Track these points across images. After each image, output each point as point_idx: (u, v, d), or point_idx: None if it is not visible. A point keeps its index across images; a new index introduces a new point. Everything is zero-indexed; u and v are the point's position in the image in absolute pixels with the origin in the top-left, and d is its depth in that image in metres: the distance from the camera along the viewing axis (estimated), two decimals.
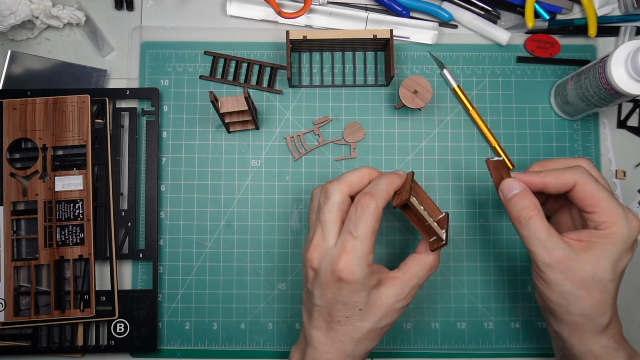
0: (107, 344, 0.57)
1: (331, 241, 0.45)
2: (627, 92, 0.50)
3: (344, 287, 0.44)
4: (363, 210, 0.44)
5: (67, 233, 0.57)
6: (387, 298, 0.46)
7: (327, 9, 0.62)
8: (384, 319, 0.46)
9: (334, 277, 0.44)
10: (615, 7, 0.63)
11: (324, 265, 0.45)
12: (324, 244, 0.45)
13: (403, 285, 0.46)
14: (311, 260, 0.45)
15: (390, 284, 0.46)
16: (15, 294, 0.57)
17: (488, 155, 0.61)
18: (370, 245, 0.44)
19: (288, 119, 0.61)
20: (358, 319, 0.45)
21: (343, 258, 0.43)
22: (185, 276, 0.59)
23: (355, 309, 0.45)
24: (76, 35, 0.63)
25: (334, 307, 0.45)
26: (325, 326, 0.47)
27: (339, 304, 0.45)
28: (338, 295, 0.45)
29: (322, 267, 0.45)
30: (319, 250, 0.45)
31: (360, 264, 0.43)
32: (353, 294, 0.44)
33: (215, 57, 0.61)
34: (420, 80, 0.56)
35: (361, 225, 0.43)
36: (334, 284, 0.44)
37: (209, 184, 0.60)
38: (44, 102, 0.58)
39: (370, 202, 0.44)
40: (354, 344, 0.46)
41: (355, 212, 0.44)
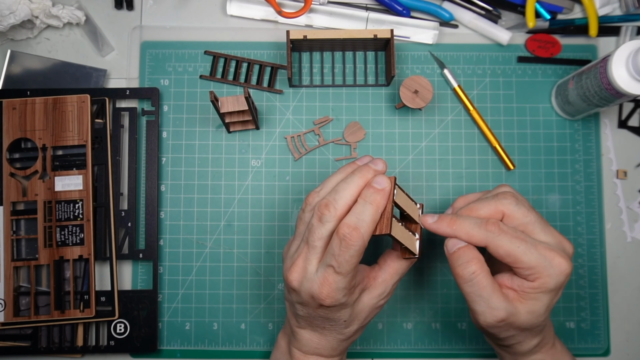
0: (107, 345, 0.57)
1: (313, 267, 0.43)
2: (628, 92, 0.50)
3: (327, 309, 0.44)
4: (348, 247, 0.41)
5: (67, 233, 0.57)
6: (370, 301, 0.47)
7: (327, 8, 0.62)
8: (367, 318, 0.48)
9: (315, 302, 0.44)
10: (616, 7, 0.63)
11: (304, 288, 0.44)
12: (307, 267, 0.44)
13: (385, 286, 0.47)
14: (291, 281, 0.44)
15: (372, 287, 0.47)
16: (15, 294, 0.57)
17: (489, 156, 0.61)
18: (352, 277, 0.43)
19: (288, 119, 0.61)
20: (343, 327, 0.47)
21: (325, 290, 0.43)
22: (186, 276, 0.59)
23: (340, 321, 0.46)
24: (76, 35, 0.62)
25: (318, 319, 0.46)
26: (310, 328, 0.48)
27: (322, 318, 0.46)
28: (322, 313, 0.45)
29: (303, 289, 0.44)
30: (300, 273, 0.44)
31: (342, 293, 0.43)
32: (337, 312, 0.45)
33: (215, 56, 0.61)
34: (421, 80, 0.56)
35: (345, 263, 0.41)
36: (317, 306, 0.44)
37: (209, 184, 0.60)
38: (43, 102, 0.58)
39: (357, 241, 0.41)
40: (340, 342, 0.48)
41: (339, 246, 0.41)
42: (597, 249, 0.60)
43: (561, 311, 0.59)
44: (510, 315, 0.43)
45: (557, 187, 0.60)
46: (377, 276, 0.47)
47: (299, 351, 0.49)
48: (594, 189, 0.60)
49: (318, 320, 0.46)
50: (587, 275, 0.60)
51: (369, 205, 0.42)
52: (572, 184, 0.61)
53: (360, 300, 0.46)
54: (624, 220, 0.61)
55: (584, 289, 0.60)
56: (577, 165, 0.61)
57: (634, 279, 0.60)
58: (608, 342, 0.59)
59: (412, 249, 0.46)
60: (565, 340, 0.59)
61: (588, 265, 0.60)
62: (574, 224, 0.60)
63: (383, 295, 0.47)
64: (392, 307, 0.59)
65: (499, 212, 0.44)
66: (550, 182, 0.60)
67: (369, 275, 0.47)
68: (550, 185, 0.60)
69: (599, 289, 0.60)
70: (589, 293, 0.59)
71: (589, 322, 0.59)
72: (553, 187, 0.60)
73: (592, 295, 0.59)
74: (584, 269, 0.60)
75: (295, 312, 0.47)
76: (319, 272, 0.43)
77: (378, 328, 0.59)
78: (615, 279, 0.60)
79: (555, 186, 0.60)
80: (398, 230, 0.45)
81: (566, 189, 0.60)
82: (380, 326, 0.59)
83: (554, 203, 0.60)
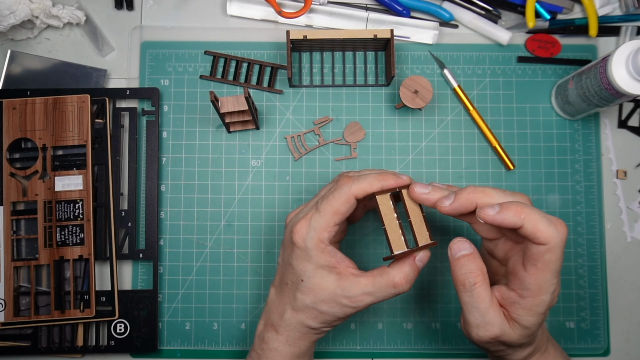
0: (107, 344, 0.57)
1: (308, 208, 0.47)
2: (628, 92, 0.50)
3: (295, 250, 0.46)
4: (336, 189, 0.45)
5: (67, 233, 0.57)
6: (333, 286, 0.45)
7: (327, 8, 0.62)
8: (324, 304, 0.46)
9: (290, 239, 0.46)
10: (616, 7, 0.63)
11: (290, 224, 0.47)
12: (303, 209, 0.48)
13: (354, 284, 0.45)
14: (287, 218, 0.49)
15: (343, 276, 0.45)
16: (15, 294, 0.57)
17: (489, 156, 0.61)
18: (327, 223, 0.44)
19: (288, 119, 0.61)
20: (300, 289, 0.46)
21: (300, 223, 0.45)
22: (186, 276, 0.59)
23: (299, 277, 0.46)
24: (76, 35, 0.62)
25: (287, 267, 0.48)
26: (277, 285, 0.49)
27: (289, 267, 0.47)
28: (289, 256, 0.47)
29: (289, 225, 0.48)
30: (296, 212, 0.49)
31: (311, 235, 0.45)
32: (300, 261, 0.46)
33: (215, 57, 0.61)
34: (421, 80, 0.56)
35: (326, 202, 0.45)
36: (289, 244, 0.47)
37: (209, 184, 0.60)
38: (43, 102, 0.58)
39: (345, 185, 0.44)
40: (291, 312, 0.47)
41: (330, 188, 0.46)
42: (597, 249, 0.60)
43: (561, 311, 0.59)
44: (502, 335, 0.42)
45: (557, 187, 0.60)
46: (354, 272, 0.46)
47: (262, 322, 0.50)
48: (594, 189, 0.60)
49: (286, 271, 0.48)
50: (587, 275, 0.60)
51: (375, 173, 0.45)
52: (572, 184, 0.61)
53: (325, 276, 0.45)
54: (624, 220, 0.61)
55: (584, 289, 0.60)
56: (577, 165, 0.61)
57: (634, 279, 0.60)
58: (608, 342, 0.59)
59: (393, 247, 0.44)
60: (565, 340, 0.59)
61: (588, 265, 0.60)
62: (574, 224, 0.60)
63: (348, 293, 0.45)
64: (392, 307, 0.59)
65: None
66: (550, 182, 0.61)
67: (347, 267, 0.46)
68: (550, 185, 0.60)
69: (599, 289, 0.60)
70: (589, 293, 0.60)
71: (589, 322, 0.59)
72: (553, 187, 0.60)
73: (592, 295, 0.59)
74: (584, 269, 0.60)
75: (278, 261, 0.50)
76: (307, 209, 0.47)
77: (378, 328, 0.59)
78: (615, 279, 0.60)
79: (555, 186, 0.61)
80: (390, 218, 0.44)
81: (566, 189, 0.61)
82: (380, 326, 0.59)
83: (554, 203, 0.60)
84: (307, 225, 0.45)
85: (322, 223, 0.44)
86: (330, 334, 0.59)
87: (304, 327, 0.48)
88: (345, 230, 0.52)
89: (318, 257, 0.45)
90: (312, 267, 0.45)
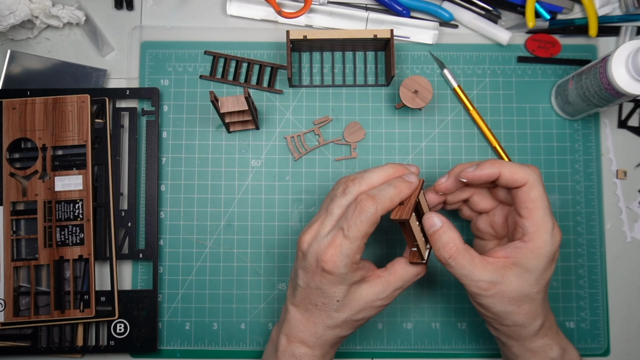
0: (107, 345, 0.57)
1: (326, 230, 0.45)
2: (628, 92, 0.50)
3: (326, 277, 0.45)
4: (361, 212, 0.44)
5: (67, 233, 0.57)
6: (367, 295, 0.47)
7: (327, 8, 0.62)
8: (360, 313, 0.47)
9: (318, 265, 0.45)
10: (616, 7, 0.63)
11: (312, 250, 0.45)
12: (320, 231, 0.46)
13: (386, 286, 0.47)
14: (302, 242, 0.46)
15: (374, 282, 0.47)
16: (15, 294, 0.57)
17: (489, 156, 0.61)
18: (358, 246, 0.44)
19: (288, 119, 0.61)
20: (334, 309, 0.46)
21: (330, 251, 0.44)
22: (186, 276, 0.59)
23: (334, 299, 0.46)
24: (76, 35, 0.62)
25: (314, 291, 0.46)
26: (303, 306, 0.48)
27: (318, 291, 0.46)
28: (319, 282, 0.46)
29: (310, 252, 0.46)
30: (312, 235, 0.46)
31: (344, 261, 0.44)
32: (333, 285, 0.45)
33: (215, 57, 0.61)
34: (421, 80, 0.56)
35: (354, 227, 0.44)
36: (317, 271, 0.45)
37: (209, 184, 0.60)
38: (43, 102, 0.58)
39: (370, 207, 0.44)
40: (326, 329, 0.48)
41: (353, 211, 0.44)
42: (597, 249, 0.60)
43: (561, 311, 0.59)
44: (496, 285, 0.44)
45: (557, 187, 0.61)
46: (381, 275, 0.48)
47: (285, 337, 0.49)
48: (594, 189, 0.61)
49: (313, 294, 0.47)
50: (587, 275, 0.60)
51: (392, 187, 0.45)
52: (572, 184, 0.61)
53: (358, 288, 0.47)
54: (623, 220, 0.61)
55: (584, 289, 0.60)
56: (577, 165, 0.61)
57: (634, 279, 0.60)
58: (608, 342, 0.59)
59: (422, 252, 0.47)
60: None
61: (588, 265, 0.60)
62: (573, 224, 0.60)
63: (381, 295, 0.47)
64: (392, 307, 0.59)
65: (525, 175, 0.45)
66: (550, 182, 0.60)
67: (374, 271, 0.48)
68: (550, 185, 0.60)
69: (599, 289, 0.60)
70: (589, 293, 0.60)
71: (589, 322, 0.59)
72: (553, 187, 0.60)
73: (592, 295, 0.59)
74: (584, 269, 0.60)
75: (296, 282, 0.48)
76: (330, 234, 0.45)
77: (378, 328, 0.59)
78: (615, 279, 0.60)
79: (555, 186, 0.61)
80: (415, 226, 0.46)
81: (566, 189, 0.61)
82: (380, 326, 0.59)
83: (554, 203, 0.60)
84: (338, 252, 0.44)
85: (354, 248, 0.44)
86: None
87: (339, 338, 0.49)
88: None
89: (352, 277, 0.45)
90: (345, 287, 0.46)
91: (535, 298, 0.46)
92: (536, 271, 0.45)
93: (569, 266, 0.60)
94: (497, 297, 0.45)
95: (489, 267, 0.45)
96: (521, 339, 0.48)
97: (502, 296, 0.45)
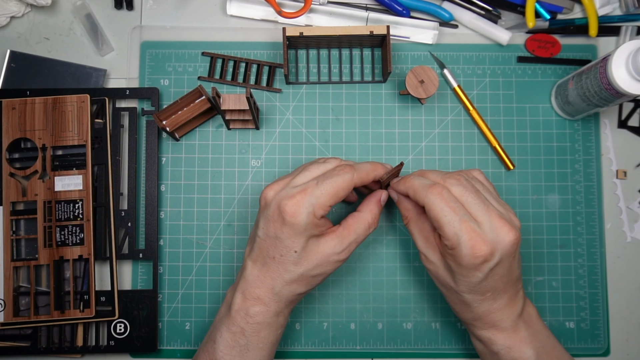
0: (107, 344, 0.57)
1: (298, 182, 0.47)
2: (628, 92, 0.50)
3: (286, 226, 0.46)
4: (339, 174, 0.47)
5: (67, 233, 0.57)
6: (324, 249, 0.48)
7: (327, 8, 0.62)
8: (317, 267, 0.48)
9: (280, 214, 0.46)
10: (616, 7, 0.63)
11: (277, 199, 0.47)
12: (290, 183, 0.48)
13: (341, 239, 0.48)
14: (267, 193, 0.48)
15: (329, 237, 0.48)
16: (15, 294, 0.57)
17: (489, 156, 0.61)
18: (325, 202, 0.46)
19: (288, 118, 0.61)
20: (292, 261, 0.47)
21: (296, 198, 0.46)
22: (186, 276, 0.59)
23: (291, 250, 0.47)
24: (76, 35, 0.62)
25: (273, 242, 0.47)
26: (261, 260, 0.49)
27: (277, 241, 0.47)
28: (279, 231, 0.47)
29: (275, 200, 0.47)
30: (279, 187, 0.48)
31: (308, 210, 0.46)
32: (292, 236, 0.46)
33: (213, 57, 0.61)
34: (430, 72, 0.56)
35: (329, 182, 0.46)
36: (279, 220, 0.46)
37: (209, 184, 0.60)
38: (43, 102, 0.58)
39: (348, 172, 0.47)
40: (283, 284, 0.48)
41: (332, 172, 0.48)
42: (597, 249, 0.60)
43: (561, 311, 0.59)
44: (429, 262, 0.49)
45: (556, 187, 0.61)
46: (336, 230, 0.49)
47: (241, 294, 0.49)
48: (594, 189, 0.61)
49: (272, 245, 0.47)
50: (587, 275, 0.60)
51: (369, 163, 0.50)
52: (572, 184, 0.61)
53: (316, 242, 0.48)
54: (623, 220, 0.61)
55: (583, 289, 0.60)
56: (577, 165, 0.61)
57: (634, 279, 0.60)
58: (608, 342, 0.59)
59: None
60: (565, 340, 0.59)
61: (588, 265, 0.60)
62: (573, 224, 0.60)
63: (338, 249, 0.48)
64: (392, 307, 0.59)
65: None
66: (550, 182, 0.61)
67: (330, 227, 0.50)
68: (550, 185, 0.60)
69: (599, 289, 0.60)
70: (589, 293, 0.60)
71: (589, 322, 0.59)
72: (553, 187, 0.60)
73: (592, 295, 0.59)
74: (584, 269, 0.60)
75: (255, 234, 0.49)
76: (302, 186, 0.47)
77: (378, 328, 0.59)
78: (615, 279, 0.60)
79: (555, 186, 0.61)
80: None
81: (566, 189, 0.61)
82: (380, 326, 0.59)
83: (554, 203, 0.60)
84: (304, 201, 0.46)
85: (321, 202, 0.46)
86: (330, 334, 0.59)
87: (294, 295, 0.49)
88: None
89: (311, 230, 0.47)
90: (304, 240, 0.47)
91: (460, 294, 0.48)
92: (457, 272, 0.46)
93: (569, 266, 0.60)
94: (431, 273, 0.50)
95: (432, 244, 0.49)
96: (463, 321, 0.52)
97: (433, 274, 0.50)
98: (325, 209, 0.46)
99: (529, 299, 0.59)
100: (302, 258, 0.47)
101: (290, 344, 0.59)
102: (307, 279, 0.48)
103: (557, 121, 0.61)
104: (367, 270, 0.59)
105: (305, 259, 0.47)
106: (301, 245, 0.47)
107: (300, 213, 0.45)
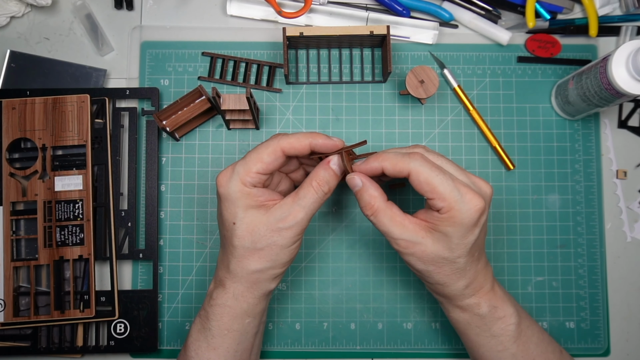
0: (107, 345, 0.57)
1: None
2: (628, 92, 0.50)
3: (222, 200, 0.47)
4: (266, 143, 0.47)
5: (67, 233, 0.57)
6: (267, 218, 0.47)
7: (327, 8, 0.62)
8: (262, 239, 0.47)
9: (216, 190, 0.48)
10: (616, 7, 0.63)
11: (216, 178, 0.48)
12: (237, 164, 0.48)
13: (284, 205, 0.47)
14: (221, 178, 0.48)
15: (275, 207, 0.47)
16: (15, 294, 0.57)
17: (489, 156, 0.61)
18: (250, 168, 0.46)
19: (288, 118, 0.61)
20: (235, 236, 0.47)
21: (223, 172, 0.47)
22: (186, 276, 0.59)
23: (230, 222, 0.47)
24: (76, 35, 0.62)
25: (220, 220, 0.49)
26: (221, 243, 0.50)
27: (221, 218, 0.48)
28: (220, 208, 0.48)
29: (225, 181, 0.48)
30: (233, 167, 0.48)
31: (234, 179, 0.46)
32: (227, 208, 0.47)
33: (213, 57, 0.61)
34: (430, 72, 0.56)
35: (254, 152, 0.47)
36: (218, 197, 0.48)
37: (209, 184, 0.60)
38: (43, 102, 0.58)
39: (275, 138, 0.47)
40: (234, 261, 0.48)
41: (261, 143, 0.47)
42: (597, 249, 0.60)
43: (561, 311, 0.59)
44: (414, 245, 0.45)
45: (557, 187, 0.61)
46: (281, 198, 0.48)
47: (213, 281, 0.51)
48: (594, 189, 0.61)
49: (220, 226, 0.49)
50: (587, 275, 0.60)
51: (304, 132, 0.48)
52: (572, 184, 0.61)
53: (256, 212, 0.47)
54: (623, 220, 0.61)
55: (584, 289, 0.60)
56: (577, 165, 0.61)
57: (634, 279, 0.60)
58: (608, 342, 0.59)
59: None
60: (565, 340, 0.59)
61: (588, 265, 0.60)
62: (573, 224, 0.60)
63: (281, 215, 0.46)
64: (392, 307, 0.59)
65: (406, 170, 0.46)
66: (550, 182, 0.61)
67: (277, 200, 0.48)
68: (550, 185, 0.60)
69: (599, 289, 0.60)
70: (589, 293, 0.60)
71: (589, 322, 0.59)
72: (553, 187, 0.60)
73: (592, 295, 0.59)
74: (584, 269, 0.60)
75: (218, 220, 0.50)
76: None
77: (378, 328, 0.59)
78: (615, 279, 0.60)
79: (555, 186, 0.61)
80: None
81: (566, 189, 0.61)
82: (380, 326, 0.59)
83: (554, 203, 0.60)
84: (230, 172, 0.47)
85: (245, 168, 0.46)
86: (330, 334, 0.59)
87: (250, 273, 0.48)
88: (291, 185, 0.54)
89: (244, 200, 0.47)
90: (241, 210, 0.47)
91: (456, 261, 0.46)
92: (454, 237, 0.45)
93: (569, 266, 0.60)
94: (416, 255, 0.46)
95: (409, 226, 0.46)
96: (449, 297, 0.49)
97: (420, 256, 0.46)
98: (250, 175, 0.46)
99: (529, 299, 0.60)
100: (244, 230, 0.47)
101: (290, 344, 0.59)
102: (256, 252, 0.47)
103: (557, 121, 0.61)
104: (367, 270, 0.60)
105: (246, 230, 0.47)
106: (239, 216, 0.47)
107: (228, 181, 0.46)
